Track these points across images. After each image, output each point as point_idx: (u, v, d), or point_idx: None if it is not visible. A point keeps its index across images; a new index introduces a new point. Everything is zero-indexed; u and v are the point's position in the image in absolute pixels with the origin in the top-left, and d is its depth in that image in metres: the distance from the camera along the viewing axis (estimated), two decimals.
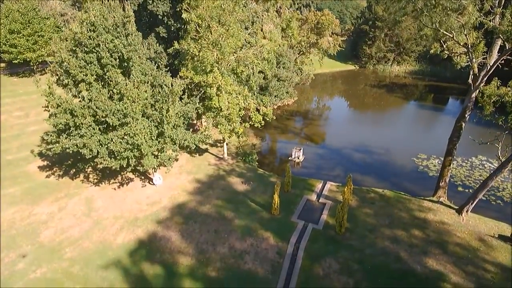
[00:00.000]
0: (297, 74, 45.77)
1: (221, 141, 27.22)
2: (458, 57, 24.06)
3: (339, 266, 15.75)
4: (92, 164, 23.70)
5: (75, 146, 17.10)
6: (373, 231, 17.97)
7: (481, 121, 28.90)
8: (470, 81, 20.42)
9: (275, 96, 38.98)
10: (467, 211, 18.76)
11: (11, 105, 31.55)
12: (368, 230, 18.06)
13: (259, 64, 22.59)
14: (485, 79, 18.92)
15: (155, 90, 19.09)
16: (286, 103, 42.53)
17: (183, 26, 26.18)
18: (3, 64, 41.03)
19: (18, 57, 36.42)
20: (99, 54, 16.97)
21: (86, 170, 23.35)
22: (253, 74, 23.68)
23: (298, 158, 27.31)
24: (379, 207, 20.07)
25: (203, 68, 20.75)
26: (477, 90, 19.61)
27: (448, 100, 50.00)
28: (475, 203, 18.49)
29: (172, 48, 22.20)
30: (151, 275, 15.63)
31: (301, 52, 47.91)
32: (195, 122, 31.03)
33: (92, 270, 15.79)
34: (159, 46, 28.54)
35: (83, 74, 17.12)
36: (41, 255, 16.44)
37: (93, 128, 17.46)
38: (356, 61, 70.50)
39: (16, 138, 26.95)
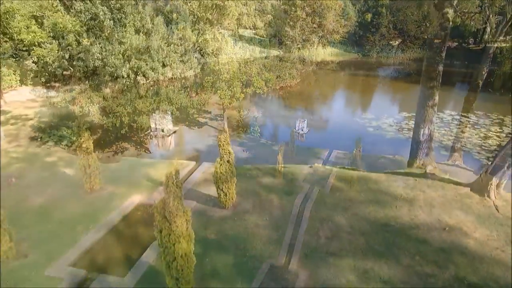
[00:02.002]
0: (300, 60, 44.59)
1: (221, 115, 25.98)
2: (472, 19, 23.07)
3: (349, 225, 14.39)
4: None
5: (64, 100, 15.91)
6: None
7: (490, 97, 27.83)
8: (487, 37, 19.26)
9: (277, 77, 37.81)
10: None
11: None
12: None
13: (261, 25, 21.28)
14: (505, 30, 17.59)
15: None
16: (289, 85, 41.26)
17: None
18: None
19: None
20: None
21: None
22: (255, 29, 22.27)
23: (302, 130, 25.97)
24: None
25: (202, 27, 19.56)
26: (495, 46, 18.38)
27: (455, 83, 48.55)
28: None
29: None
30: (145, 236, 14.39)
31: (305, 38, 46.78)
32: (193, 95, 29.82)
33: (81, 232, 14.55)
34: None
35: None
36: (27, 218, 15.23)
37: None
38: (359, 50, 69.18)
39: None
